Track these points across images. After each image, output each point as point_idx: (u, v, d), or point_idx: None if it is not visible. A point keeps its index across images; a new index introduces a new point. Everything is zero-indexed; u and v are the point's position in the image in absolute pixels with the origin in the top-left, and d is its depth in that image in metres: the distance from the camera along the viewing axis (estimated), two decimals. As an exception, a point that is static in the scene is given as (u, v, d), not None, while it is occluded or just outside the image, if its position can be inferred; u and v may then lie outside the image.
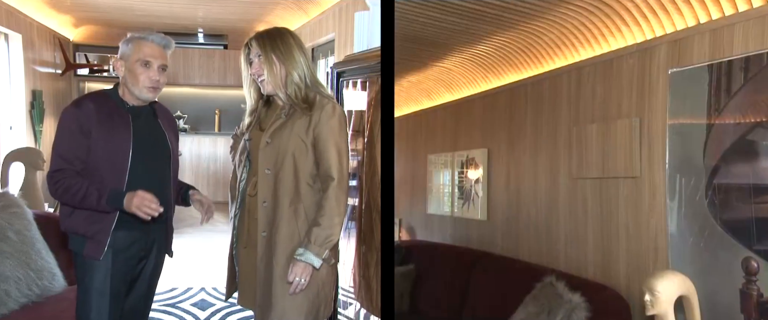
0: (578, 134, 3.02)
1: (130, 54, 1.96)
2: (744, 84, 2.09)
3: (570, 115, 3.12)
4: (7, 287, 2.41)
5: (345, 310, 3.70)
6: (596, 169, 2.89)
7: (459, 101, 4.32)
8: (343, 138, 1.87)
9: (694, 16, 2.34)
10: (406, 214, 5.18)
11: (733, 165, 2.13)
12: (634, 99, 2.66)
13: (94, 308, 1.95)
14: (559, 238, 3.20)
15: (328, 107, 1.85)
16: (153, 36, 2.00)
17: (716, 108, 2.19)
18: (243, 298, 2.04)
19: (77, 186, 1.88)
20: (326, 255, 1.85)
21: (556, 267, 3.09)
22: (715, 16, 2.25)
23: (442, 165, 4.56)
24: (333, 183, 1.83)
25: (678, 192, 2.36)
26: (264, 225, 1.88)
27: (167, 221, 2.12)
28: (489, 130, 3.96)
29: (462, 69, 3.86)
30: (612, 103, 2.80)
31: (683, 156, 2.35)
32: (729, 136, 2.14)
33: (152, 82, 1.96)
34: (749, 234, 2.06)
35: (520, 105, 3.58)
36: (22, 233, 2.58)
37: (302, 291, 1.85)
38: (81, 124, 1.90)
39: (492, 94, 3.88)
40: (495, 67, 3.63)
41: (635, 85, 2.65)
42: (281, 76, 1.88)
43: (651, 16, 2.49)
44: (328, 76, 3.36)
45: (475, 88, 4.05)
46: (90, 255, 1.94)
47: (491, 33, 3.11)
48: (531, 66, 3.39)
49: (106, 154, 1.92)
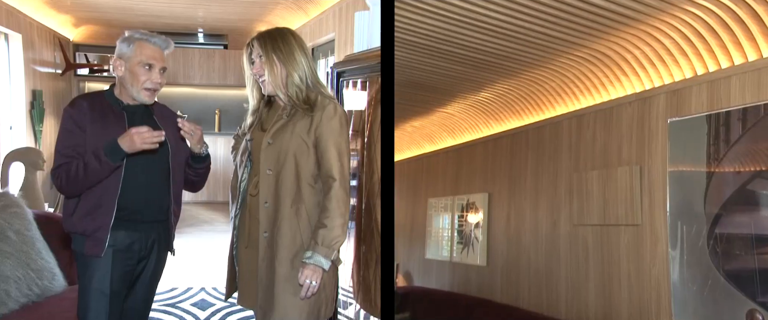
0: (579, 180, 3.04)
1: (132, 55, 1.97)
2: (742, 134, 2.13)
3: (571, 161, 3.16)
4: (7, 287, 2.41)
5: (345, 310, 3.66)
6: (597, 216, 2.90)
7: (461, 146, 4.36)
8: (344, 138, 1.89)
9: (692, 68, 2.41)
10: (404, 260, 5.14)
11: (735, 214, 2.15)
12: (634, 146, 2.70)
13: (94, 307, 1.95)
14: (560, 286, 3.18)
15: (330, 108, 1.86)
16: (155, 38, 2.01)
17: (716, 157, 2.23)
18: (243, 298, 2.03)
19: (75, 165, 1.90)
20: (334, 257, 1.85)
21: (556, 315, 3.05)
22: (712, 68, 2.32)
23: (442, 209, 4.57)
24: (335, 184, 1.83)
25: (680, 240, 2.36)
26: (266, 226, 1.88)
27: (168, 221, 2.11)
28: (490, 174, 3.98)
29: (464, 114, 3.92)
30: (612, 150, 2.84)
31: (684, 203, 2.36)
32: (729, 186, 2.17)
33: (154, 84, 1.98)
34: (753, 286, 2.05)
35: (522, 150, 3.62)
36: (22, 233, 2.59)
37: (301, 292, 1.85)
38: (76, 121, 1.93)
39: (493, 140, 3.93)
40: (497, 113, 3.69)
41: (635, 133, 2.70)
42: (282, 76, 1.89)
43: (650, 67, 2.56)
44: (328, 76, 3.35)
45: (476, 133, 4.11)
46: (91, 252, 1.94)
47: (494, 80, 3.18)
48: (532, 113, 3.44)
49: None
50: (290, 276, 1.85)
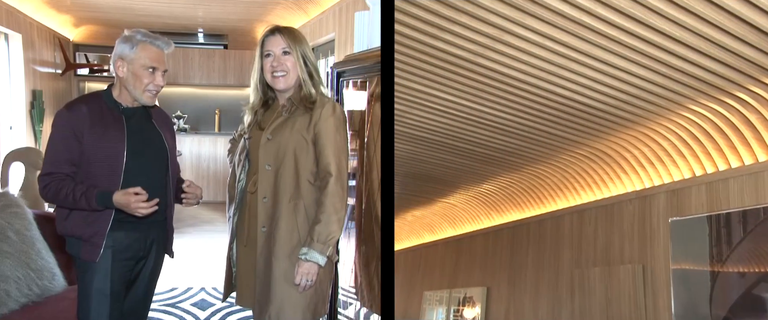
0: (581, 277, 3.03)
1: (135, 57, 1.96)
2: (744, 236, 2.17)
3: (572, 256, 3.16)
4: (7, 287, 2.37)
5: (345, 310, 3.48)
6: (600, 316, 2.86)
7: (461, 236, 4.37)
8: (342, 136, 1.89)
9: (690, 169, 2.49)
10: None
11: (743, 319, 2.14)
12: (635, 244, 2.72)
13: (95, 308, 1.92)
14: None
15: (329, 105, 1.88)
16: (158, 41, 2.00)
17: (719, 258, 2.25)
18: (241, 297, 1.99)
19: (66, 190, 1.87)
20: (330, 252, 1.83)
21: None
22: (710, 169, 2.40)
23: (437, 303, 4.47)
24: (331, 180, 1.83)
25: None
26: (264, 221, 1.87)
27: (167, 221, 2.08)
28: (489, 267, 3.95)
29: (466, 205, 3.97)
30: (614, 246, 2.86)
31: (689, 304, 2.35)
32: (735, 289, 2.17)
33: (157, 87, 1.99)
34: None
35: (522, 243, 3.63)
36: (22, 233, 2.54)
37: (299, 287, 1.83)
38: (73, 127, 1.90)
39: (494, 231, 3.94)
40: (498, 205, 3.74)
41: (637, 230, 2.73)
42: (305, 72, 1.90)
43: (649, 167, 2.64)
44: (328, 76, 3.31)
45: (477, 224, 4.13)
46: (86, 258, 1.91)
47: (496, 174, 3.26)
48: (534, 206, 3.49)
49: (100, 155, 1.92)
50: (287, 271, 1.84)
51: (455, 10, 1.91)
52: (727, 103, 2.17)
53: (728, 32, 1.81)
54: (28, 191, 4.85)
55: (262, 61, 1.93)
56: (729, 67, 1.97)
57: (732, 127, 2.23)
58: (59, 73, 7.31)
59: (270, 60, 1.90)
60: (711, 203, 2.35)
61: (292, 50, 1.89)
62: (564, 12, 1.82)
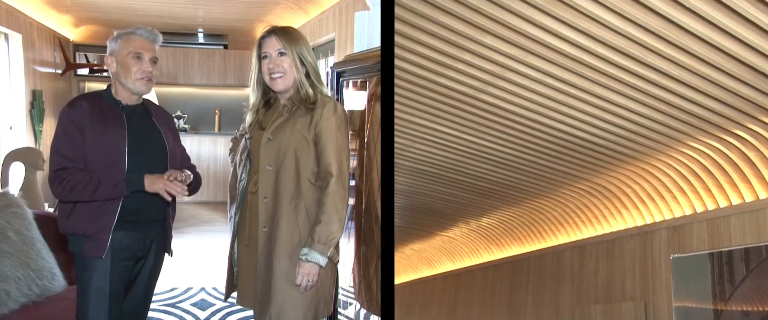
0: (582, 315, 3.00)
1: (120, 49, 2.00)
2: (747, 275, 2.16)
3: (573, 292, 3.13)
4: (7, 287, 2.36)
5: (345, 310, 3.41)
6: (604, 352, 2.82)
7: (460, 271, 4.33)
8: (343, 136, 1.88)
9: (691, 205, 2.49)
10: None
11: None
12: (637, 281, 2.70)
13: (94, 307, 1.91)
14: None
15: (330, 105, 1.87)
16: (140, 30, 2.04)
17: (722, 296, 2.23)
18: (242, 297, 1.96)
19: (86, 180, 1.88)
20: (331, 253, 1.81)
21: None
22: (711, 206, 2.40)
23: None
24: (332, 180, 1.81)
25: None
26: (264, 220, 1.85)
27: (166, 220, 2.07)
28: (489, 304, 3.91)
29: (465, 239, 3.95)
30: (615, 283, 2.83)
31: (693, 343, 2.32)
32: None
33: (145, 73, 1.99)
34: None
35: (522, 279, 3.60)
36: (22, 233, 2.53)
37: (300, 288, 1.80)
38: (76, 122, 1.92)
39: (494, 266, 3.91)
40: (498, 239, 3.72)
41: (638, 267, 2.71)
42: (302, 73, 1.89)
43: (650, 202, 2.65)
44: (328, 76, 3.28)
45: (477, 258, 4.10)
46: (91, 254, 1.90)
47: (497, 208, 3.26)
48: (534, 240, 3.48)
49: (101, 152, 1.92)
50: (288, 272, 1.82)
51: (458, 48, 1.95)
52: (725, 141, 2.19)
53: (725, 72, 1.84)
54: (28, 191, 4.84)
55: (259, 62, 1.93)
56: (726, 105, 2.00)
57: (731, 164, 2.24)
58: (59, 73, 7.30)
59: (267, 61, 1.90)
60: (712, 240, 2.35)
61: (288, 51, 1.88)
62: (564, 50, 1.86)
